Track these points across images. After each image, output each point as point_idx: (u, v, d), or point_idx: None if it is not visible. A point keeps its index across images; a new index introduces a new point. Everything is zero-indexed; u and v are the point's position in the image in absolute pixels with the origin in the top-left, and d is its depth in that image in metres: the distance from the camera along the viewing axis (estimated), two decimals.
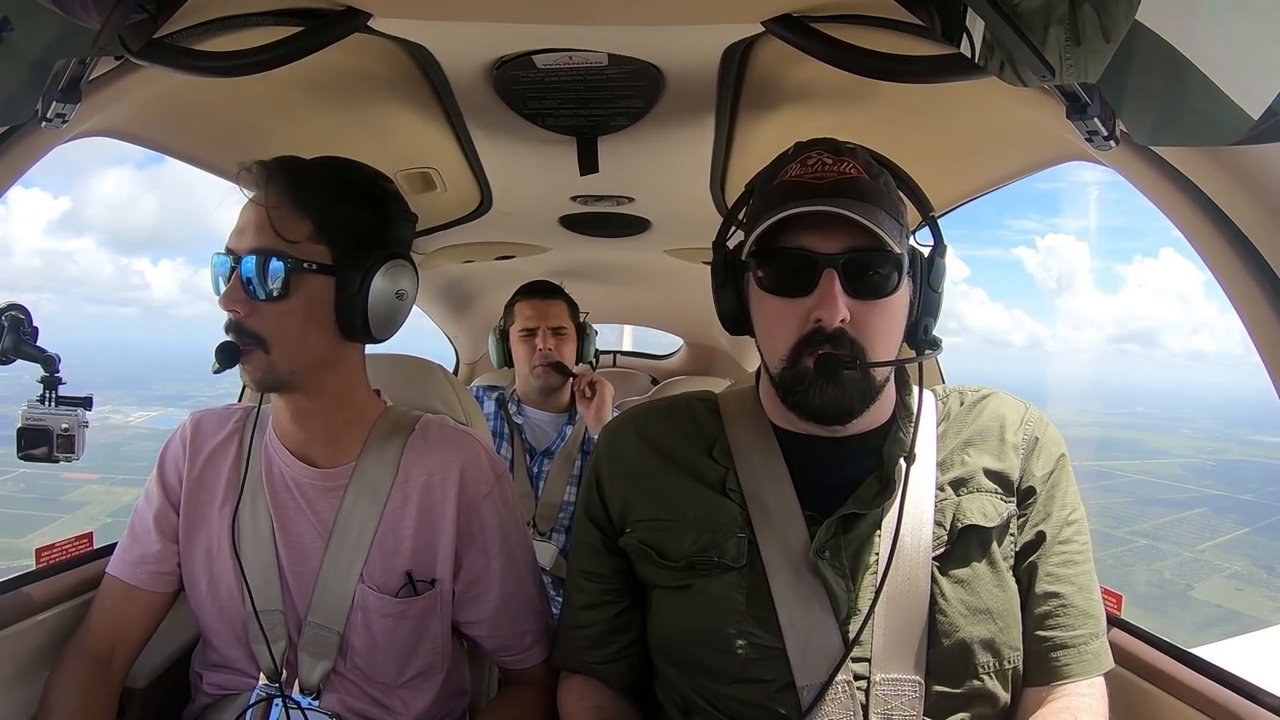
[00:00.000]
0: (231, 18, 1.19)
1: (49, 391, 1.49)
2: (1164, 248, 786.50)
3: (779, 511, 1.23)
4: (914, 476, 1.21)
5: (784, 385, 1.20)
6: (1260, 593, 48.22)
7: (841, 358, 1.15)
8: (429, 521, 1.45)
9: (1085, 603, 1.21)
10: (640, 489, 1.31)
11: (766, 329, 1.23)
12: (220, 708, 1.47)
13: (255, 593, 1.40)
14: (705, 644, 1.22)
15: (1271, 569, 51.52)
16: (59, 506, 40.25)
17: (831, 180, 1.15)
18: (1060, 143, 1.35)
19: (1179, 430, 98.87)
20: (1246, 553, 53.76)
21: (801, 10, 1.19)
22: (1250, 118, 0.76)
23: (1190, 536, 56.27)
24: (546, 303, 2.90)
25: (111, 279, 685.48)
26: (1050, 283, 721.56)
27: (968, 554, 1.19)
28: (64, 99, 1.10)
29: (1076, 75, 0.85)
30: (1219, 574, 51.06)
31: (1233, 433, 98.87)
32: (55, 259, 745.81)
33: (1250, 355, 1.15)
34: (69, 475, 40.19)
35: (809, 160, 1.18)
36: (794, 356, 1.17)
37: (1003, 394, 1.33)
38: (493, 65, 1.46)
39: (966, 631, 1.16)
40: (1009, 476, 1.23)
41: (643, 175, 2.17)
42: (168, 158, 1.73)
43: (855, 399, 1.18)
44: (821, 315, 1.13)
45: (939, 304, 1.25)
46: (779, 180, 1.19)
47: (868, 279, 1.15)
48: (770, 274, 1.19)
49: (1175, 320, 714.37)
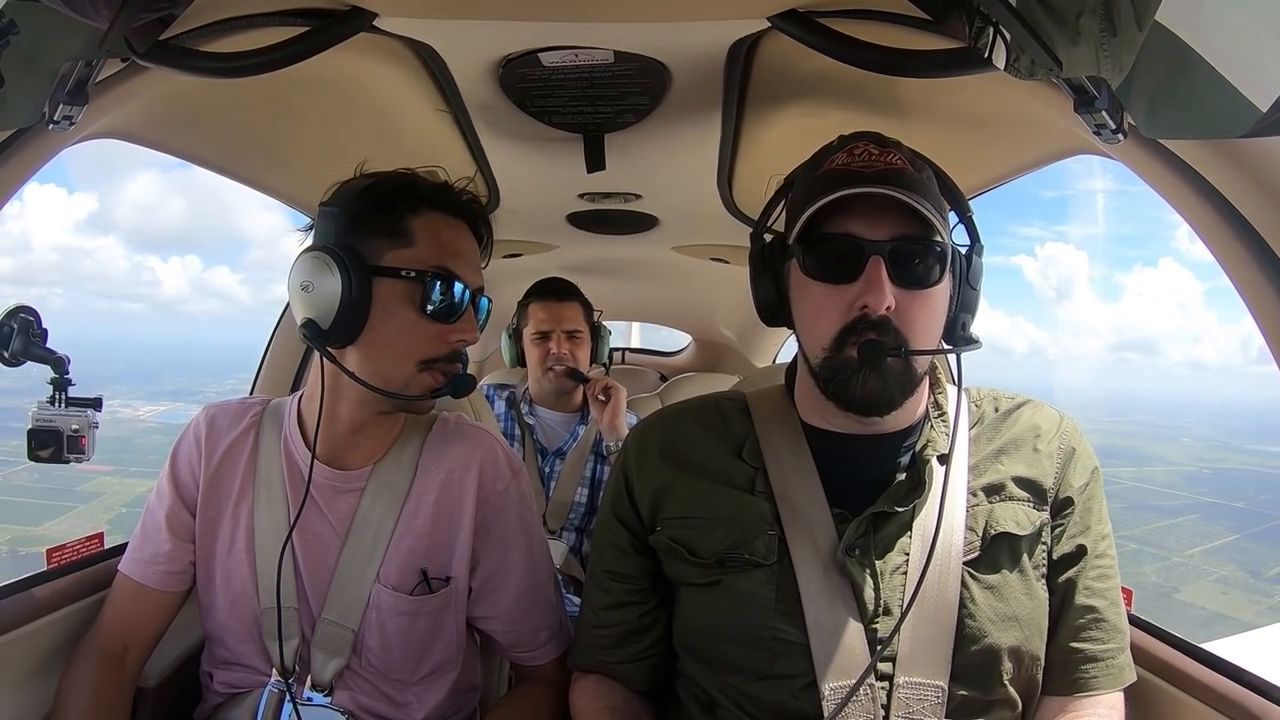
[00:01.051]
0: (238, 19, 1.19)
1: (59, 393, 1.50)
2: (1164, 257, 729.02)
3: (808, 509, 1.23)
4: (944, 479, 1.21)
5: (825, 374, 1.19)
6: (1245, 596, 48.98)
7: (886, 344, 1.14)
8: (447, 518, 1.45)
9: (1116, 617, 1.22)
10: (670, 488, 1.31)
11: (810, 317, 1.22)
12: (232, 705, 1.47)
13: (269, 589, 1.40)
14: (733, 639, 1.22)
15: (1258, 574, 52.15)
16: (74, 497, 41.03)
17: (879, 170, 1.15)
18: (1068, 136, 1.34)
19: (1179, 439, 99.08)
20: (1235, 558, 54.50)
21: (807, 5, 1.18)
22: (1258, 110, 0.75)
23: (1180, 542, 57.02)
24: (561, 305, 2.88)
25: (125, 275, 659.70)
26: (1049, 290, 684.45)
27: (999, 560, 1.19)
28: (71, 101, 1.10)
29: (1112, 70, 0.84)
30: (1206, 578, 51.84)
31: (1232, 442, 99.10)
32: (73, 255, 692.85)
33: (1251, 365, 1.14)
34: (83, 467, 40.24)
35: (855, 150, 1.18)
36: (837, 344, 1.17)
37: (1038, 402, 1.33)
38: (499, 63, 1.45)
39: (994, 638, 1.15)
40: (1042, 485, 1.23)
41: (650, 172, 2.16)
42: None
43: (896, 389, 1.17)
44: (868, 302, 1.13)
45: (977, 302, 1.25)
46: (825, 169, 1.19)
47: (914, 268, 1.15)
48: (815, 260, 1.19)
49: (1175, 329, 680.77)
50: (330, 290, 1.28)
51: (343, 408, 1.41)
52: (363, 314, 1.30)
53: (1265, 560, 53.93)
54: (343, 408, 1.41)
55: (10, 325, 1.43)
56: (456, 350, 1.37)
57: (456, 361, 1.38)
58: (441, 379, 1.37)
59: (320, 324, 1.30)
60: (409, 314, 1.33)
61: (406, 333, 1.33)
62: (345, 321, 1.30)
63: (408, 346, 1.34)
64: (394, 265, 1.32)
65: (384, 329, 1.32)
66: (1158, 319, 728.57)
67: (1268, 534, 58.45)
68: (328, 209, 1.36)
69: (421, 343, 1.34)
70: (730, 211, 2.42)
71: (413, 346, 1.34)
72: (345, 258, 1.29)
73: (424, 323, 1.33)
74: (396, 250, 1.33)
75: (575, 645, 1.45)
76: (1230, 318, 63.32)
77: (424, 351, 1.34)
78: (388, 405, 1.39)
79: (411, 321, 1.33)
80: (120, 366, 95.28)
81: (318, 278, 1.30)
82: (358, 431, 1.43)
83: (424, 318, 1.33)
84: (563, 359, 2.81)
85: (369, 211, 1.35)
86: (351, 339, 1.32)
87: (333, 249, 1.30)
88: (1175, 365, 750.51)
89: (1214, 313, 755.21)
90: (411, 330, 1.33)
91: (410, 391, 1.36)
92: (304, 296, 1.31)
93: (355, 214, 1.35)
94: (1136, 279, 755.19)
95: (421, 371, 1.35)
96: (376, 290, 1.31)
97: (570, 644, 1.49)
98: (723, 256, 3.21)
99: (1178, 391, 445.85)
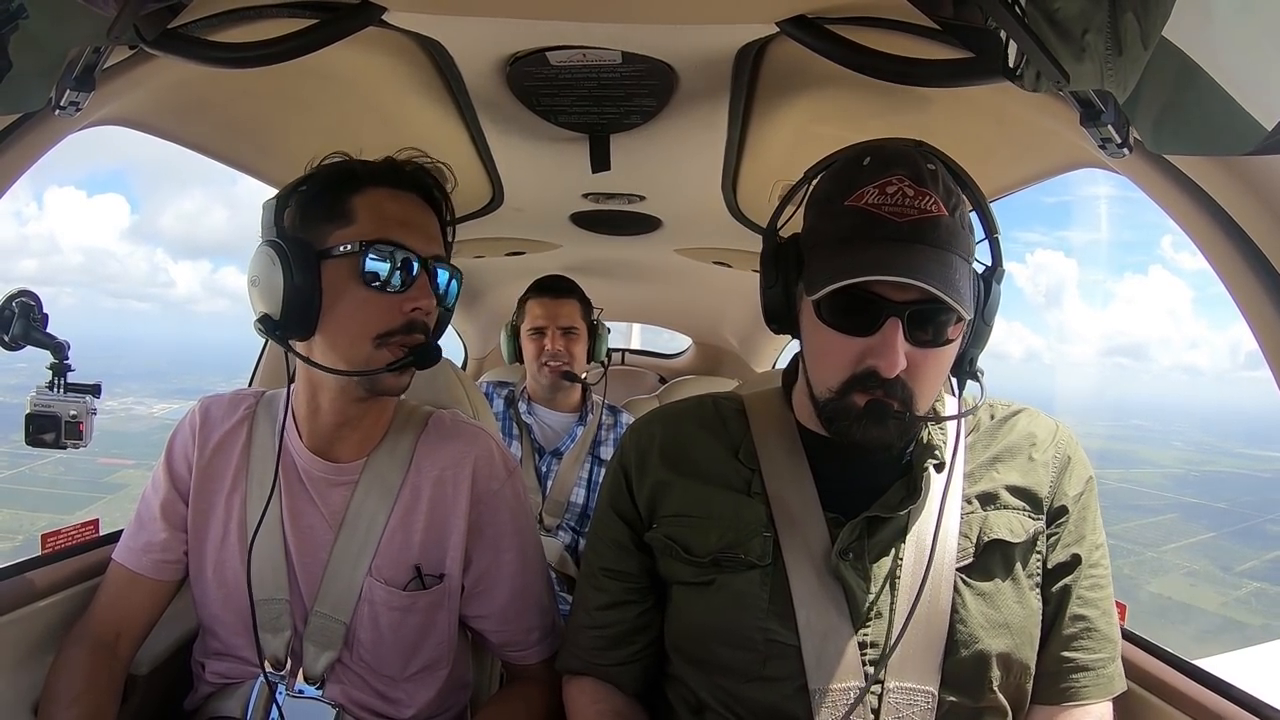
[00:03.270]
0: (247, 9, 1.19)
1: (58, 378, 1.49)
2: (1153, 265, 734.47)
3: (802, 512, 1.23)
4: (939, 485, 1.21)
5: (828, 413, 1.18)
6: (1212, 589, 49.91)
7: (891, 407, 1.13)
8: (440, 516, 1.45)
9: (1107, 626, 1.22)
10: (669, 486, 1.31)
11: (817, 356, 1.21)
12: (223, 696, 1.47)
13: (262, 581, 1.40)
14: (725, 640, 1.22)
15: (1228, 569, 52.97)
16: (101, 488, 41.59)
17: (912, 220, 1.09)
18: (1073, 149, 1.34)
19: (1171, 443, 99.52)
20: (1208, 554, 55.35)
21: (816, 11, 1.18)
22: (1265, 128, 0.75)
23: (1156, 539, 57.82)
24: (557, 302, 2.88)
25: (144, 276, 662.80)
26: (1041, 297, 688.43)
27: (992, 568, 1.19)
28: (78, 87, 1.10)
29: (1117, 86, 0.84)
30: (1176, 572, 52.66)
31: (1223, 445, 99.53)
32: (98, 256, 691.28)
33: (1245, 370, 1.15)
34: (104, 460, 42.87)
35: (889, 188, 1.10)
36: (843, 390, 1.15)
37: (1033, 410, 1.33)
38: (506, 61, 1.46)
39: (985, 644, 1.15)
40: (1037, 494, 1.23)
41: (654, 174, 2.16)
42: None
43: (896, 438, 1.17)
44: (879, 365, 1.10)
45: (988, 335, 1.23)
46: (852, 202, 1.12)
47: (930, 329, 1.12)
48: (830, 308, 1.15)
49: (1168, 335, 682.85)
50: (275, 282, 1.27)
51: (324, 398, 1.41)
52: (313, 301, 1.28)
53: (1237, 556, 54.90)
54: (324, 398, 1.41)
55: (10, 309, 1.42)
56: (413, 320, 1.33)
57: (415, 332, 1.34)
58: (401, 352, 1.33)
59: (274, 316, 1.29)
60: (356, 290, 1.30)
61: (358, 310, 1.31)
62: (295, 310, 1.28)
63: (361, 323, 1.31)
64: (334, 245, 1.30)
65: (337, 311, 1.30)
66: (1152, 325, 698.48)
67: (1244, 532, 59.47)
68: (268, 203, 1.35)
69: (375, 317, 1.31)
70: (734, 216, 2.42)
71: (366, 322, 1.31)
72: (286, 247, 1.27)
73: (373, 296, 1.30)
74: (339, 231, 1.31)
75: (565, 648, 1.43)
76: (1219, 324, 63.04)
77: (377, 325, 1.31)
78: (361, 390, 1.37)
79: (360, 297, 1.30)
80: (133, 365, 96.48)
81: (262, 271, 1.29)
82: (344, 423, 1.42)
83: (372, 291, 1.30)
84: (558, 355, 2.82)
85: (313, 199, 1.34)
86: (310, 328, 1.31)
87: (273, 240, 1.29)
88: (1170, 370, 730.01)
89: (1205, 319, 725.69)
90: (362, 306, 1.30)
91: (372, 368, 1.33)
92: (254, 291, 1.31)
93: (301, 204, 1.35)
94: (1130, 285, 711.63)
95: (379, 348, 1.32)
96: (325, 275, 1.29)
97: (559, 647, 1.47)
98: (725, 260, 3.21)
99: (1173, 395, 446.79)
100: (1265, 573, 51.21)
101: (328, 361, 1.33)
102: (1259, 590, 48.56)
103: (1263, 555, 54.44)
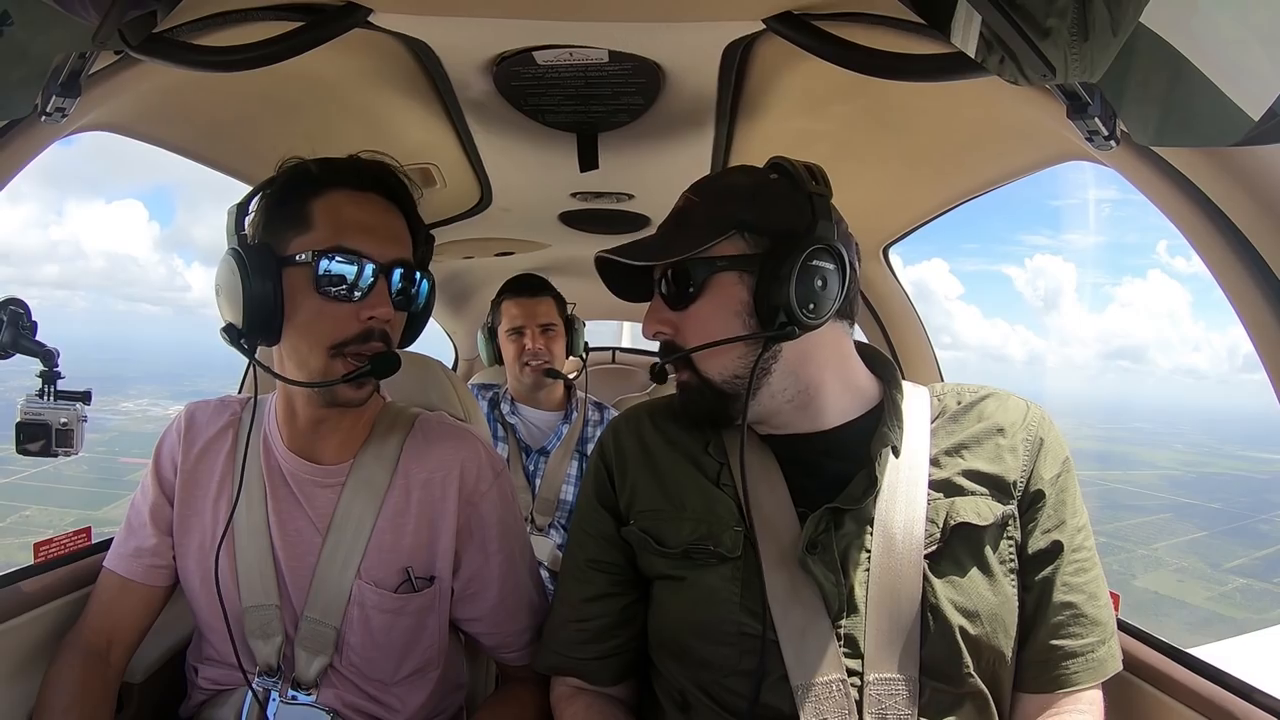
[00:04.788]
0: (232, 13, 1.19)
1: (48, 386, 1.49)
2: (1152, 269, 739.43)
3: (771, 507, 1.24)
4: (904, 473, 1.22)
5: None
6: (1199, 584, 51.44)
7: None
8: (429, 518, 1.44)
9: (1095, 610, 1.22)
10: (645, 481, 1.33)
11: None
12: (216, 703, 1.47)
13: (251, 587, 1.40)
14: (702, 635, 1.22)
15: (1217, 565, 54.25)
16: (124, 485, 42.08)
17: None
18: (1061, 142, 1.35)
19: (1171, 445, 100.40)
20: (1197, 552, 56.69)
21: (803, 8, 1.18)
22: (1250, 118, 0.76)
23: (1148, 537, 59.04)
24: (534, 300, 2.89)
25: (162, 280, 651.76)
26: (1041, 300, 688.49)
27: (959, 553, 1.19)
28: (63, 93, 1.09)
29: (1081, 72, 0.85)
30: (1165, 568, 54.01)
31: (1221, 447, 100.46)
32: (119, 260, 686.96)
33: (1244, 373, 1.15)
34: (125, 460, 44.61)
35: None
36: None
37: (1003, 393, 1.32)
38: (493, 61, 1.45)
39: (956, 630, 1.15)
40: (1007, 478, 1.23)
41: (642, 172, 2.16)
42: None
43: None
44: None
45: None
46: None
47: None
48: None
49: (1170, 338, 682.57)
50: (235, 289, 1.26)
51: (298, 403, 1.41)
52: (274, 308, 1.27)
53: (1226, 553, 56.06)
54: (298, 403, 1.41)
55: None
56: (369, 330, 1.31)
57: (371, 341, 1.32)
58: (357, 363, 1.31)
59: (237, 324, 1.28)
60: (312, 300, 1.29)
61: (315, 319, 1.29)
62: (256, 318, 1.27)
63: (317, 333, 1.30)
64: (294, 253, 1.29)
65: (296, 321, 1.29)
66: (1152, 329, 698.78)
67: (1236, 531, 60.85)
68: (231, 209, 1.34)
69: (330, 327, 1.29)
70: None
71: (322, 332, 1.30)
72: (244, 255, 1.26)
73: (328, 305, 1.29)
74: (299, 238, 1.30)
75: (545, 646, 1.42)
76: (1218, 325, 63.09)
77: (332, 335, 1.30)
78: (322, 400, 1.36)
79: (316, 307, 1.29)
80: (148, 368, 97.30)
81: (224, 280, 1.28)
82: (319, 424, 1.42)
83: (327, 300, 1.29)
84: (538, 354, 2.82)
85: (274, 205, 1.33)
86: (273, 337, 1.31)
87: (234, 248, 1.28)
88: (1172, 373, 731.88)
89: (1202, 321, 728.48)
90: (318, 316, 1.29)
91: (328, 379, 1.32)
92: (218, 300, 1.31)
93: (265, 209, 1.34)
94: (1129, 289, 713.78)
95: (334, 358, 1.30)
96: (286, 282, 1.28)
97: (540, 647, 1.46)
98: None
99: (1175, 398, 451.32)
100: (1253, 570, 52.04)
101: (290, 370, 1.34)
102: (1245, 586, 49.34)
103: (1252, 553, 55.30)
